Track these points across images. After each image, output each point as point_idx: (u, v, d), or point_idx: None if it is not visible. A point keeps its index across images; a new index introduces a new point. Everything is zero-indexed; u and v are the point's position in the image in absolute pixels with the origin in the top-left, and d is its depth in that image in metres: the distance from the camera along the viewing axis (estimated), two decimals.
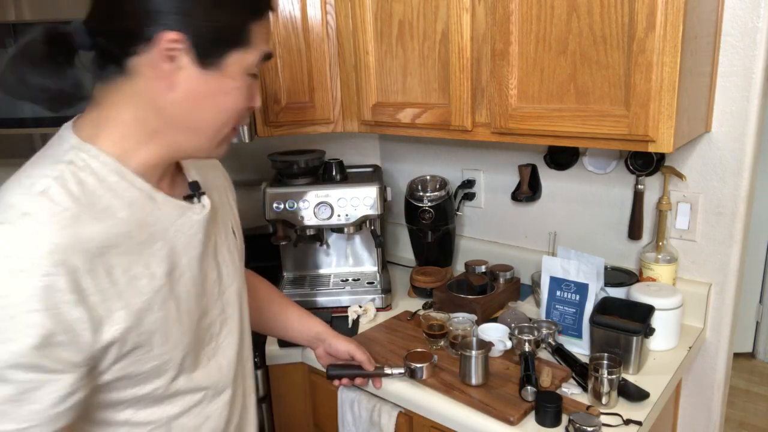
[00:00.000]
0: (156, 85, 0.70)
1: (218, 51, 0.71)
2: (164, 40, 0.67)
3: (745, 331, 3.10)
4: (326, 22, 1.54)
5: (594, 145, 1.19)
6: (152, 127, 0.73)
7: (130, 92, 0.71)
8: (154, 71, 0.69)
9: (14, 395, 0.62)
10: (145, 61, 0.69)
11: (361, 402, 1.32)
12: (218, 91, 0.73)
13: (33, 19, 1.41)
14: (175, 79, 0.70)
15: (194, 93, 0.72)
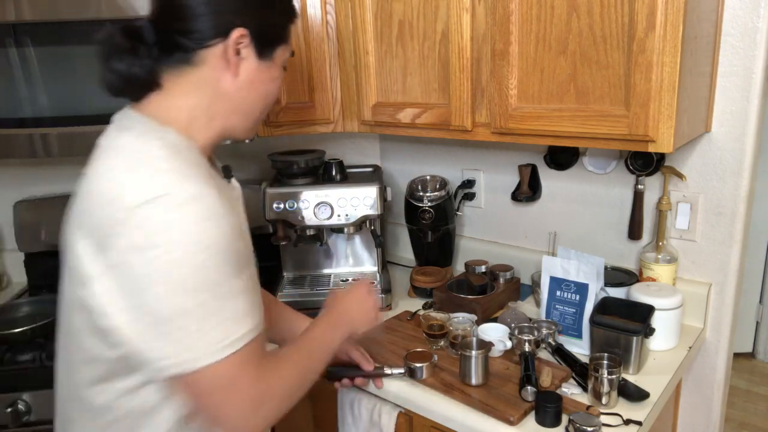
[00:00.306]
0: (222, 73, 0.83)
1: (271, 45, 0.87)
2: (235, 35, 0.81)
3: (745, 331, 3.10)
4: (326, 22, 1.54)
5: (594, 145, 1.19)
6: (213, 111, 0.85)
7: (196, 80, 0.83)
8: (222, 61, 0.82)
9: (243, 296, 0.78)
10: (214, 53, 0.82)
11: (361, 402, 1.32)
12: (268, 79, 0.88)
13: (33, 19, 1.40)
14: (239, 68, 0.84)
15: (252, 80, 0.86)
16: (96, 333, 0.78)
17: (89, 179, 0.79)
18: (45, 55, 1.44)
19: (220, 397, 0.76)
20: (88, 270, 0.75)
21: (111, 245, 0.72)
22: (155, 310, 0.72)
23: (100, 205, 0.74)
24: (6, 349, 1.43)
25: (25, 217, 1.84)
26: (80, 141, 1.49)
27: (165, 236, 0.71)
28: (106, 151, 0.81)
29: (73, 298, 0.81)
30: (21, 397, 1.37)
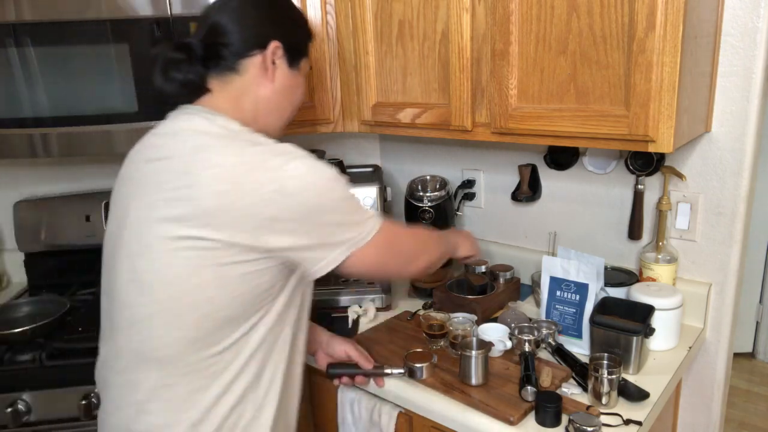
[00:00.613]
0: (261, 80, 1.00)
1: (298, 56, 1.06)
2: (271, 47, 0.99)
3: (745, 331, 3.10)
4: (326, 22, 1.54)
5: (594, 145, 1.19)
6: (255, 112, 1.01)
7: (240, 85, 0.99)
8: (261, 69, 1.00)
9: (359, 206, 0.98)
10: (254, 62, 0.99)
11: (361, 402, 1.32)
12: (296, 85, 1.07)
13: (33, 19, 1.40)
14: (275, 75, 1.01)
15: (285, 85, 1.04)
16: (243, 280, 0.89)
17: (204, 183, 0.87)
18: (45, 55, 1.44)
19: (395, 245, 1.05)
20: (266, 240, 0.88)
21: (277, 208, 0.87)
22: (327, 223, 0.92)
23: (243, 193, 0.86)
24: (6, 349, 1.43)
25: (25, 217, 1.84)
26: (80, 141, 1.49)
27: (308, 187, 0.89)
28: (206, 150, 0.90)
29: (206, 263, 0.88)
30: (21, 397, 1.37)
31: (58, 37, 1.43)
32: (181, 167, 0.89)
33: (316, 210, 0.89)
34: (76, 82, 1.46)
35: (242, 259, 0.88)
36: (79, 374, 1.38)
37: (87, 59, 1.45)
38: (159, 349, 0.91)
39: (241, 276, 0.89)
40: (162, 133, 0.97)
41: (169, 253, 0.87)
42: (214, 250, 0.86)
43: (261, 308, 0.93)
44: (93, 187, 1.94)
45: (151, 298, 0.90)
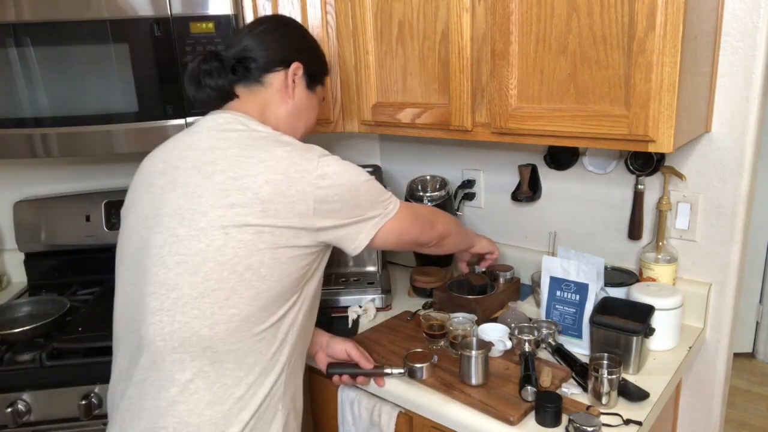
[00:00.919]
0: (282, 95, 1.14)
1: (315, 81, 1.20)
2: (293, 66, 1.14)
3: (745, 331, 3.10)
4: (326, 22, 1.54)
5: (594, 145, 1.19)
6: (276, 124, 1.12)
7: (264, 96, 1.13)
8: (282, 85, 1.13)
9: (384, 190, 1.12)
10: (277, 77, 1.13)
11: (361, 402, 1.32)
12: (311, 106, 1.21)
13: (33, 19, 1.41)
14: (294, 92, 1.15)
15: (301, 104, 1.17)
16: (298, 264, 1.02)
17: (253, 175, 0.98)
18: (45, 55, 1.44)
19: (416, 212, 1.19)
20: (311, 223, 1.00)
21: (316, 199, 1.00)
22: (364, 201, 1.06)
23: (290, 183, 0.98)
24: (6, 349, 1.43)
25: (25, 217, 1.84)
26: (80, 141, 1.49)
27: (342, 173, 1.03)
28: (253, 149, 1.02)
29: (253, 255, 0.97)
30: (21, 397, 1.37)
31: (58, 37, 1.43)
32: (232, 161, 0.99)
33: (354, 191, 1.03)
34: (76, 82, 1.46)
35: (293, 243, 0.99)
36: (79, 374, 1.38)
37: (87, 59, 1.45)
38: (209, 327, 0.96)
39: (290, 258, 0.99)
40: (199, 132, 1.06)
41: (225, 237, 0.95)
42: (270, 233, 0.96)
43: (297, 290, 1.03)
44: (93, 187, 1.94)
45: (202, 278, 0.95)
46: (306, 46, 1.19)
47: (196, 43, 1.46)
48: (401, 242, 1.17)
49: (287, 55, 1.13)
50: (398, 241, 1.15)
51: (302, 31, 1.21)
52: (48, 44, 1.43)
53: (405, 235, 1.16)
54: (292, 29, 1.18)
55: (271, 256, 0.97)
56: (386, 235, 1.12)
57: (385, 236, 1.11)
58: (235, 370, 0.98)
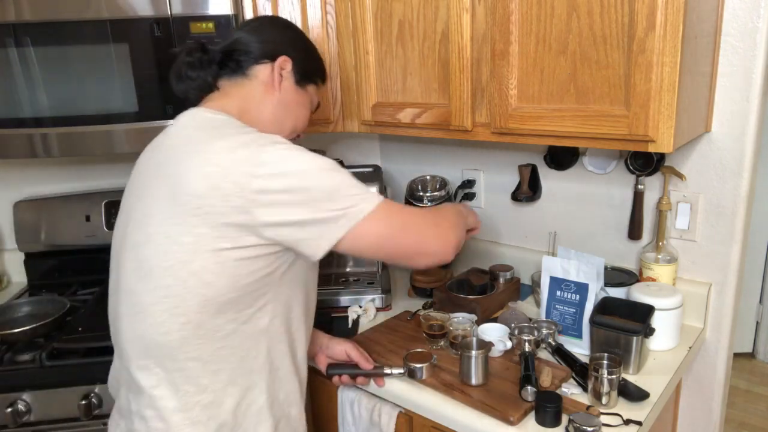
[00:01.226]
0: (268, 87, 1.08)
1: (306, 79, 1.14)
2: (281, 59, 1.09)
3: (745, 331, 3.10)
4: (326, 22, 1.54)
5: (594, 145, 1.19)
6: (257, 118, 1.06)
7: (248, 87, 1.07)
8: (269, 77, 1.08)
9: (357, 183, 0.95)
10: (264, 69, 1.08)
11: (361, 402, 1.32)
12: (300, 103, 1.14)
13: (33, 19, 1.41)
14: (280, 86, 1.09)
15: (288, 99, 1.11)
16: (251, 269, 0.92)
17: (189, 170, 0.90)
18: (45, 55, 1.44)
19: (403, 225, 0.96)
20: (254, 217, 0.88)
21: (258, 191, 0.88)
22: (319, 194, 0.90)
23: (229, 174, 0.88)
24: (6, 349, 1.43)
25: (25, 217, 1.84)
26: (80, 141, 1.49)
27: (287, 159, 0.90)
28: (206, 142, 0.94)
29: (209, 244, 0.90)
30: (21, 397, 1.37)
31: (58, 37, 1.43)
32: (176, 158, 0.93)
33: (302, 180, 0.88)
34: (76, 82, 1.46)
35: (239, 244, 0.89)
36: (79, 374, 1.38)
37: (87, 59, 1.45)
38: (163, 335, 0.92)
39: (238, 261, 0.90)
40: (167, 133, 1.03)
41: (168, 240, 0.90)
42: (209, 234, 0.88)
43: (264, 294, 0.95)
44: (93, 187, 1.94)
45: (154, 285, 0.92)
46: (299, 45, 1.15)
47: None
48: (381, 253, 0.97)
49: (277, 49, 1.09)
50: (375, 252, 0.96)
51: (298, 32, 1.17)
52: (48, 44, 1.43)
53: (386, 243, 0.95)
54: (286, 28, 1.15)
55: (215, 260, 0.89)
56: (357, 240, 0.92)
57: (356, 241, 0.92)
58: (198, 378, 0.94)
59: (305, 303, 1.07)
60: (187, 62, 1.06)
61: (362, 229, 0.91)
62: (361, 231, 0.91)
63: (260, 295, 0.95)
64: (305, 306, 1.08)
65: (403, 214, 0.98)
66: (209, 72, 1.07)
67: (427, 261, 1.01)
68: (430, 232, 1.01)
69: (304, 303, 1.06)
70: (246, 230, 0.88)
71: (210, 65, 1.07)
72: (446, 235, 1.03)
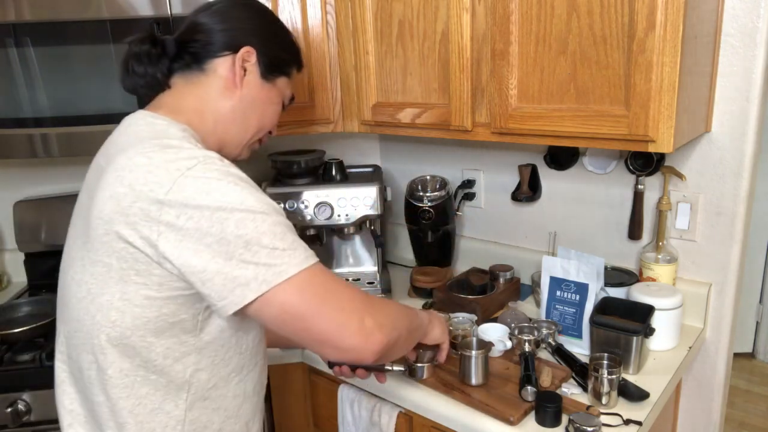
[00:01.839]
0: (228, 82, 0.93)
1: (274, 71, 0.99)
2: (243, 51, 0.94)
3: (745, 331, 3.10)
4: (326, 22, 1.54)
5: (594, 145, 1.19)
6: (215, 119, 0.94)
7: (204, 84, 0.93)
8: (229, 72, 0.93)
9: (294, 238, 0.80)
10: (223, 63, 0.93)
11: (361, 402, 1.32)
12: (267, 101, 0.99)
13: (33, 19, 1.40)
14: (243, 81, 0.95)
15: (252, 95, 0.96)
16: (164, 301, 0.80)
17: (118, 179, 0.79)
18: (45, 55, 1.44)
19: (322, 303, 0.78)
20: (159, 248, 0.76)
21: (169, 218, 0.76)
22: (233, 243, 0.75)
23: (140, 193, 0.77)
24: (6, 349, 1.43)
25: (25, 217, 1.84)
26: (80, 141, 1.49)
27: (209, 193, 0.76)
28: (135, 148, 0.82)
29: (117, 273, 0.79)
30: (21, 397, 1.37)
31: (58, 37, 1.43)
32: (99, 173, 0.83)
33: (218, 219, 0.74)
34: (76, 82, 1.46)
35: (146, 280, 0.77)
36: None
37: (87, 59, 1.45)
38: (80, 371, 0.85)
39: (146, 300, 0.78)
40: (109, 138, 0.92)
41: (83, 269, 0.81)
42: (118, 265, 0.77)
43: (180, 344, 0.82)
44: None
45: (69, 316, 0.86)
46: (267, 30, 0.99)
47: None
48: (285, 329, 0.79)
49: (237, 38, 0.94)
50: (279, 325, 0.78)
51: (267, 13, 1.02)
52: (48, 44, 1.43)
53: (291, 322, 0.78)
54: (253, 10, 0.99)
55: (121, 296, 0.78)
56: (269, 307, 0.77)
57: (267, 308, 0.77)
58: (105, 424, 0.84)
59: (253, 349, 0.93)
60: (134, 54, 0.91)
61: (271, 295, 0.76)
62: (269, 298, 0.76)
63: (173, 344, 0.82)
64: (252, 353, 0.93)
65: (329, 290, 0.80)
66: (159, 67, 0.91)
67: (337, 356, 0.81)
68: (353, 322, 0.80)
69: (251, 350, 0.92)
70: (154, 263, 0.76)
71: (160, 59, 0.91)
72: (373, 333, 0.81)
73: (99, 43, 1.44)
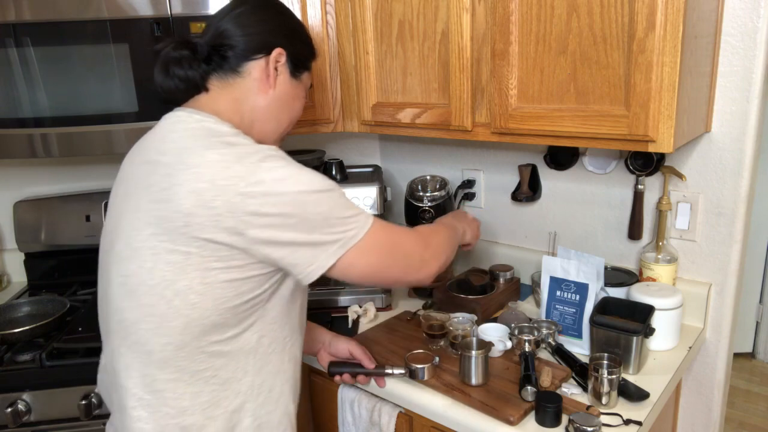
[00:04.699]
0: (262, 84, 1.00)
1: (301, 68, 1.07)
2: (275, 53, 1.00)
3: (745, 331, 3.10)
4: (326, 22, 1.54)
5: (594, 145, 1.19)
6: (252, 117, 1.01)
7: (240, 87, 1.00)
8: (263, 74, 1.00)
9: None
10: (257, 66, 1.00)
11: (361, 402, 1.32)
12: (296, 96, 1.07)
13: (33, 19, 1.41)
14: (276, 81, 1.02)
15: (284, 93, 1.04)
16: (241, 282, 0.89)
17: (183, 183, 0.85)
18: (45, 55, 1.44)
19: (395, 245, 0.98)
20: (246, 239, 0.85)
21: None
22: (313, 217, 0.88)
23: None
24: (6, 349, 1.43)
25: (25, 217, 1.84)
26: (80, 141, 1.49)
27: (285, 180, 0.87)
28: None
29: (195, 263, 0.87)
30: (21, 397, 1.37)
31: (58, 37, 1.43)
32: (165, 169, 0.88)
33: (299, 203, 0.86)
34: (76, 82, 1.46)
35: (229, 265, 0.86)
36: (79, 374, 1.38)
37: (87, 59, 1.45)
38: (148, 354, 0.89)
39: (227, 283, 0.87)
40: (153, 136, 0.96)
41: (155, 257, 0.86)
42: (198, 254, 0.84)
43: (251, 314, 0.92)
44: (93, 187, 1.94)
45: (137, 303, 0.89)
46: (290, 28, 1.05)
47: None
48: (373, 279, 0.97)
49: (268, 40, 1.00)
50: (366, 277, 0.96)
51: (285, 11, 1.07)
52: (48, 44, 1.43)
53: (378, 271, 0.96)
54: (273, 10, 1.04)
55: (201, 281, 0.85)
56: (350, 268, 0.92)
57: (348, 268, 0.92)
58: (177, 400, 0.90)
59: (299, 317, 1.04)
60: (173, 58, 0.97)
61: (355, 254, 0.91)
62: (351, 259, 0.91)
63: (246, 316, 0.91)
64: (299, 321, 1.04)
65: (392, 241, 0.98)
66: (198, 71, 0.98)
67: (407, 287, 1.08)
68: (415, 262, 1.02)
69: (297, 317, 1.03)
70: (237, 250, 0.85)
71: (198, 63, 0.98)
72: (430, 264, 1.04)
73: (99, 43, 1.44)
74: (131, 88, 1.47)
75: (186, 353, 0.89)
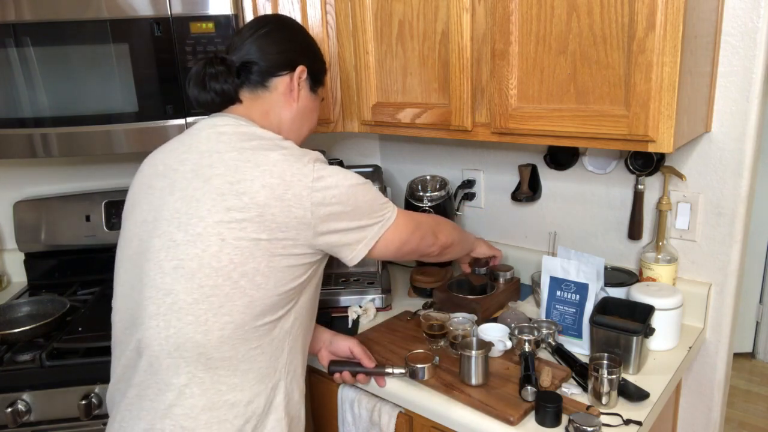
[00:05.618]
0: (286, 98, 1.13)
1: (318, 82, 1.20)
2: (299, 69, 1.14)
3: (745, 331, 3.10)
4: (326, 22, 1.54)
5: (594, 145, 1.19)
6: (279, 128, 1.12)
7: (269, 100, 1.12)
8: (287, 88, 1.13)
9: None
10: (282, 81, 1.12)
11: (361, 402, 1.32)
12: (314, 108, 1.21)
13: (33, 19, 1.41)
14: (299, 95, 1.15)
15: (306, 107, 1.17)
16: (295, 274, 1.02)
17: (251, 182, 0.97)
18: (45, 55, 1.44)
19: (414, 233, 1.16)
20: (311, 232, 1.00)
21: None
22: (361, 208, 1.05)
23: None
24: (6, 349, 1.43)
25: (25, 217, 1.84)
26: (80, 141, 1.49)
27: (338, 175, 1.03)
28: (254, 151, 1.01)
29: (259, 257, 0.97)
30: (21, 397, 1.37)
31: (58, 37, 1.43)
32: (230, 165, 0.98)
33: (352, 194, 1.02)
34: (76, 82, 1.46)
35: (291, 252, 0.98)
36: (79, 374, 1.38)
37: (87, 59, 1.45)
38: (205, 334, 0.95)
39: (287, 267, 0.99)
40: (199, 134, 1.06)
41: (221, 243, 0.95)
42: (267, 240, 0.96)
43: (293, 299, 1.03)
44: (93, 187, 1.94)
45: (197, 284, 0.95)
46: (308, 47, 1.18)
47: (196, 43, 1.46)
48: (401, 253, 1.16)
49: (292, 58, 1.13)
50: (398, 252, 1.14)
51: (303, 31, 1.20)
52: (48, 44, 1.43)
53: (405, 245, 1.15)
54: (294, 31, 1.17)
55: (267, 264, 0.97)
56: (386, 246, 1.10)
57: (384, 246, 1.10)
58: (230, 377, 0.98)
59: (314, 308, 1.15)
60: (210, 74, 1.08)
61: (390, 235, 1.10)
62: (389, 237, 1.10)
63: (291, 298, 1.02)
64: (315, 309, 1.16)
65: (415, 222, 1.17)
66: (231, 84, 1.09)
67: (428, 257, 1.25)
68: (431, 239, 1.22)
69: (316, 305, 1.15)
70: (302, 238, 0.99)
71: (233, 78, 1.09)
72: (441, 240, 1.25)
73: (99, 43, 1.44)
74: (131, 88, 1.47)
75: (243, 332, 0.97)
